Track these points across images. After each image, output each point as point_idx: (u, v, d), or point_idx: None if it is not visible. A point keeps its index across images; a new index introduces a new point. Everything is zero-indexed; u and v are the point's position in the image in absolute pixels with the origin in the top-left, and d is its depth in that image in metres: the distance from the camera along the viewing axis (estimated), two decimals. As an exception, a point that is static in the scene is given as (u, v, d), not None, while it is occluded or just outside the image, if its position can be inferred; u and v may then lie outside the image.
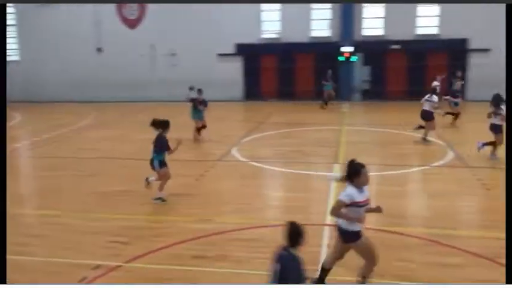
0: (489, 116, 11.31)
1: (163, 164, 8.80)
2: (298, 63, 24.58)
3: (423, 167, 11.10)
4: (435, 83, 15.65)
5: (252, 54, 24.70)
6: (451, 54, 22.76)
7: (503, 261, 6.11)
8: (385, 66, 23.59)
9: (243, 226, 7.47)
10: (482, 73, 21.66)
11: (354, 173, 5.15)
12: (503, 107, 10.91)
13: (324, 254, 6.45)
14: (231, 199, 9.17)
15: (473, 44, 22.26)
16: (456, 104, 16.46)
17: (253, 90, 25.03)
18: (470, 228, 7.63)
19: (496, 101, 11.35)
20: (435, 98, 13.38)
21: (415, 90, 22.40)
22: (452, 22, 21.94)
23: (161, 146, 8.69)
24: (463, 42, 22.36)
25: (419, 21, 23.04)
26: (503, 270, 5.92)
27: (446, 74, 19.20)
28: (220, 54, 24.69)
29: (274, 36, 24.66)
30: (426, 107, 13.40)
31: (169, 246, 6.78)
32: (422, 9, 22.94)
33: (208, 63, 24.56)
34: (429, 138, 13.48)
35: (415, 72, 22.92)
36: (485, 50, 21.93)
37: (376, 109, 21.16)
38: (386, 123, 16.89)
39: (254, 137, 15.10)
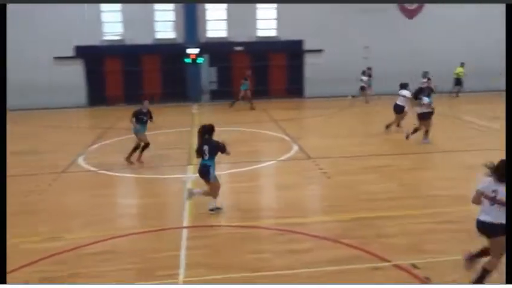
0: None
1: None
2: (145, 66, 24.06)
3: (271, 162, 11.77)
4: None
5: (94, 57, 23.44)
6: (290, 54, 24.51)
7: (346, 241, 6.83)
8: (231, 67, 24.40)
9: (97, 239, 7.08)
10: (317, 72, 23.74)
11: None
12: (424, 97, 12.75)
13: (184, 257, 6.46)
14: (81, 212, 8.61)
15: (307, 45, 24.22)
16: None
17: (97, 95, 23.78)
18: (315, 214, 8.32)
19: (416, 94, 13.14)
20: (406, 92, 14.32)
21: (259, 90, 23.72)
22: (289, 25, 23.60)
23: (217, 151, 7.90)
24: (299, 43, 24.20)
25: (260, 24, 24.30)
26: (346, 249, 6.61)
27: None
28: (58, 58, 22.92)
29: (117, 38, 23.77)
30: (399, 101, 14.41)
31: (14, 270, 6.10)
32: (261, 12, 24.23)
33: (45, 67, 22.62)
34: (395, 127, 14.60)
35: (258, 72, 24.11)
36: (318, 51, 24.03)
37: (225, 109, 21.77)
38: (234, 122, 17.48)
39: (102, 144, 14.39)
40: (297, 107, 22.53)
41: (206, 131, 8.00)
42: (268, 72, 24.18)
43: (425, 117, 12.87)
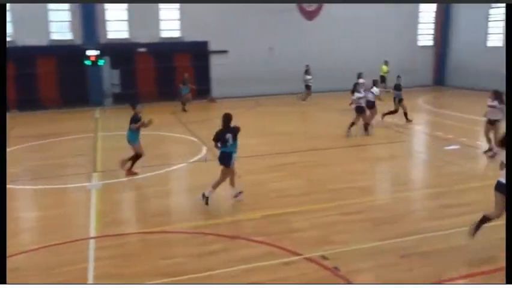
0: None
1: None
2: (40, 69, 22.52)
3: (181, 165, 11.62)
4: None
5: (-19, 60, 21.48)
6: (195, 55, 24.34)
7: (258, 238, 6.95)
8: (134, 69, 23.67)
9: (-7, 258, 6.49)
10: (223, 73, 23.87)
11: None
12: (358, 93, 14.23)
13: (92, 269, 6.17)
14: (-26, 230, 7.84)
15: (213, 46, 24.25)
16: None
17: (-14, 102, 21.82)
18: (227, 214, 8.35)
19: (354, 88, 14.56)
20: (376, 89, 15.15)
21: (164, 91, 23.34)
22: (193, 25, 23.44)
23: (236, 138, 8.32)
24: (204, 44, 24.14)
25: (163, 25, 23.86)
26: (259, 246, 6.72)
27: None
28: None
29: (8, 39, 22.00)
30: (370, 97, 15.02)
31: None
32: (164, 12, 23.80)
33: None
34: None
35: (163, 73, 23.70)
36: (224, 52, 24.17)
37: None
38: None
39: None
40: (204, 108, 22.47)
41: (229, 120, 8.36)
42: (173, 73, 23.82)
43: (359, 111, 14.21)
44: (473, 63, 25.71)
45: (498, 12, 25.24)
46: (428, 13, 28.22)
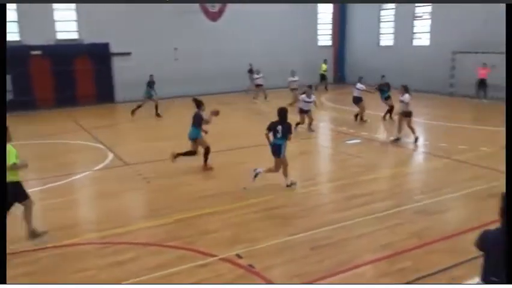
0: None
1: None
2: None
3: (86, 173, 11.07)
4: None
5: None
6: (95, 58, 23.26)
7: (171, 243, 6.84)
8: (28, 74, 22.08)
9: None
10: (127, 75, 23.02)
11: None
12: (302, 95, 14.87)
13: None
14: None
15: (114, 48, 23.35)
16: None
17: None
18: (138, 221, 8.11)
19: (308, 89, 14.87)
20: (361, 85, 16.17)
21: (64, 96, 22.09)
22: (92, 27, 22.40)
23: (288, 132, 9.02)
24: (105, 46, 23.16)
25: (59, 26, 22.53)
26: (172, 251, 6.62)
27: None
28: None
29: None
30: (356, 93, 16.15)
31: None
32: (59, 13, 22.48)
33: None
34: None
35: (62, 78, 22.38)
36: (127, 54, 23.40)
37: (27, 120, 19.70)
38: (39, 134, 15.95)
39: None
40: (108, 112, 21.61)
41: (284, 113, 9.07)
42: (73, 77, 22.60)
43: (303, 112, 14.69)
44: (367, 61, 27.45)
45: (388, 13, 27.20)
46: (326, 14, 29.60)
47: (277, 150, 9.12)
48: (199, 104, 10.95)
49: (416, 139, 12.91)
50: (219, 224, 7.61)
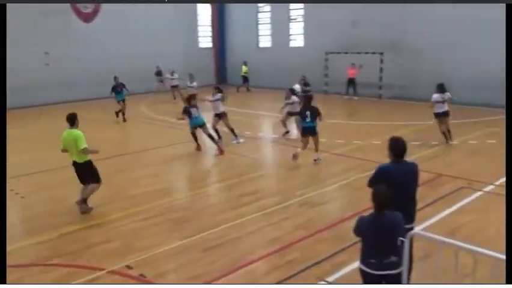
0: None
1: None
2: None
3: None
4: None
5: None
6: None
7: (55, 261, 6.39)
8: None
9: None
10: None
11: None
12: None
13: None
14: None
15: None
16: None
17: None
18: (15, 240, 7.38)
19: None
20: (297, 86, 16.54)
21: None
22: None
23: (316, 115, 10.85)
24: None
25: None
26: (58, 269, 6.19)
27: None
28: None
29: None
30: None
31: None
32: None
33: None
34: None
35: None
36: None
37: None
38: None
39: None
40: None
41: (310, 99, 11.28)
42: None
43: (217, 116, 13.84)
44: (248, 63, 28.17)
45: (265, 16, 28.20)
46: (205, 16, 29.75)
47: (313, 130, 10.90)
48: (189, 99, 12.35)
49: (286, 133, 14.20)
50: (107, 235, 7.29)
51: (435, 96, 12.30)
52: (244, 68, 26.75)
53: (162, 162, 11.68)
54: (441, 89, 12.39)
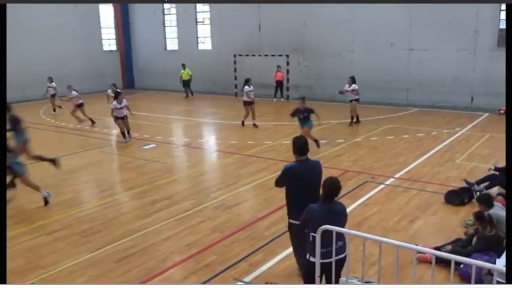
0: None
1: None
2: None
3: None
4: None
5: None
6: None
7: None
8: None
9: None
10: None
11: None
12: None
13: None
14: None
15: None
16: None
17: None
18: None
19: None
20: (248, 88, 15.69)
21: None
22: None
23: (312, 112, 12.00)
24: None
25: None
26: None
27: None
28: None
29: None
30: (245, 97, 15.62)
31: None
32: None
33: None
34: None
35: None
36: None
37: None
38: None
39: None
40: None
41: (303, 98, 12.28)
42: None
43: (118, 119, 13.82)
44: (156, 66, 27.63)
45: (171, 18, 27.81)
46: (108, 18, 28.61)
47: (307, 122, 11.90)
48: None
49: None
50: (8, 252, 6.70)
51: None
52: (183, 72, 24.71)
53: (67, 172, 10.99)
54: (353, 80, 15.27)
